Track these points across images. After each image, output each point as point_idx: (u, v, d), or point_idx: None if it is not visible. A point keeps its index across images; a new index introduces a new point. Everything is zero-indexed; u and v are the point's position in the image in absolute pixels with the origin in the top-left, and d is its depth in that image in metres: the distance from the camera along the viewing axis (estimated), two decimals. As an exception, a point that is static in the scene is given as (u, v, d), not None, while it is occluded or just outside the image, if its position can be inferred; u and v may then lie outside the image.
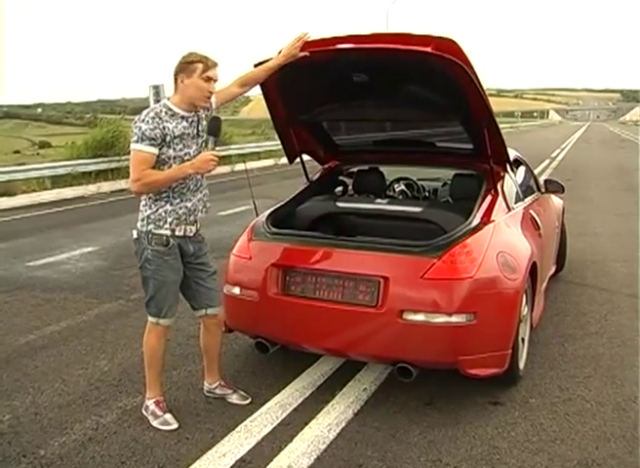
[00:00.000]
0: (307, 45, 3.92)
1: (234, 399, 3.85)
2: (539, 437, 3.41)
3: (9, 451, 3.31)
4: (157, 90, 21.79)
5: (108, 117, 23.78)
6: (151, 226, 3.47)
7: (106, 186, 15.38)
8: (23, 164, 17.52)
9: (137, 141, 3.32)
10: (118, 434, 3.47)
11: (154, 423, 3.56)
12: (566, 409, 3.71)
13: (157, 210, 3.46)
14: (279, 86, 4.18)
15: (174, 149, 3.38)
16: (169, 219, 3.45)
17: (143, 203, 3.53)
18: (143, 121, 3.32)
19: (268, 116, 4.56)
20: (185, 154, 3.42)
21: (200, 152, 3.47)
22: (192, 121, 3.46)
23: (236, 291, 3.99)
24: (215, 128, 3.47)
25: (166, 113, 3.38)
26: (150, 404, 3.64)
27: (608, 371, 4.22)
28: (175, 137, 3.37)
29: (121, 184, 15.69)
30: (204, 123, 3.51)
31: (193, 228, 3.57)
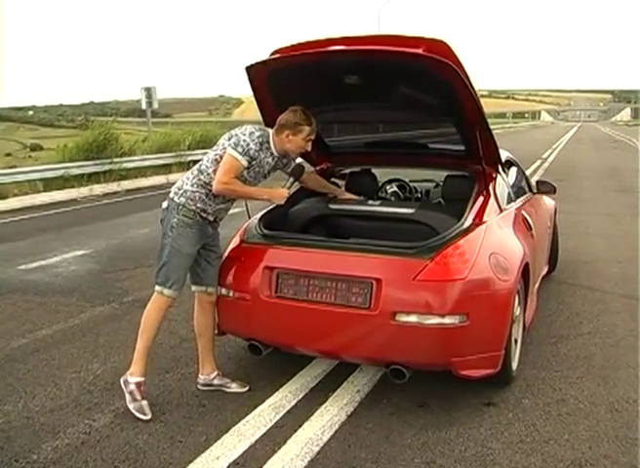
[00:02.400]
0: (300, 46, 3.93)
1: (234, 387, 3.99)
2: (532, 437, 3.42)
3: (1, 456, 3.29)
4: (149, 92, 21.80)
5: (100, 119, 23.72)
6: (183, 200, 3.78)
7: (98, 189, 15.30)
8: (15, 167, 17.44)
9: (240, 153, 3.70)
10: (111, 438, 3.46)
11: (130, 406, 3.68)
12: (559, 410, 3.72)
13: (195, 192, 3.79)
14: (270, 88, 4.18)
15: (248, 173, 3.80)
16: (198, 205, 3.79)
17: (191, 177, 3.84)
18: (253, 141, 3.73)
19: (260, 118, 4.55)
20: (248, 182, 3.83)
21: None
22: (276, 164, 3.93)
23: (229, 293, 3.98)
24: (297, 173, 4.04)
25: (265, 144, 3.81)
26: (132, 382, 3.74)
27: (601, 372, 4.23)
28: (257, 166, 3.81)
29: (113, 187, 15.65)
30: (276, 171, 4.00)
31: (212, 217, 3.89)
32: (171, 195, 3.84)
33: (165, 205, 3.86)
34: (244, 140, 3.71)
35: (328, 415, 3.67)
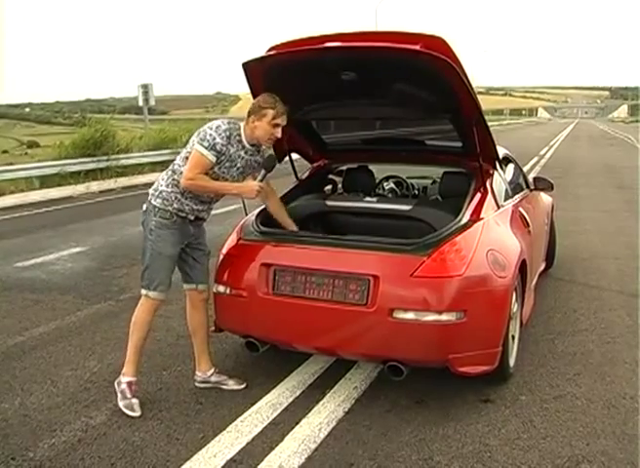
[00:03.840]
0: (296, 43, 3.92)
1: (231, 384, 3.99)
2: (529, 434, 3.42)
3: (-3, 454, 3.28)
4: (146, 89, 21.77)
5: (97, 116, 23.68)
6: (159, 201, 3.75)
7: (95, 186, 15.29)
8: (12, 164, 17.40)
9: (206, 148, 3.62)
10: (108, 435, 3.46)
11: (120, 403, 3.72)
12: (556, 406, 3.72)
13: (170, 193, 3.75)
14: (267, 85, 4.16)
15: (219, 168, 3.70)
16: (175, 205, 3.75)
17: (165, 178, 3.80)
18: (219, 135, 3.63)
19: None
20: (222, 178, 3.74)
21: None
22: (251, 156, 3.80)
23: (226, 290, 3.98)
24: (269, 164, 3.84)
25: (235, 137, 3.71)
26: (124, 382, 3.79)
27: (598, 368, 4.24)
28: (227, 160, 3.70)
29: (110, 184, 15.63)
30: (256, 166, 3.85)
31: (192, 217, 3.83)
32: (149, 197, 3.81)
33: (145, 207, 3.83)
34: (210, 134, 3.63)
35: (325, 412, 3.67)
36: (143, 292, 3.80)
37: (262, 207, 4.41)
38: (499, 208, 4.30)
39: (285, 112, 3.72)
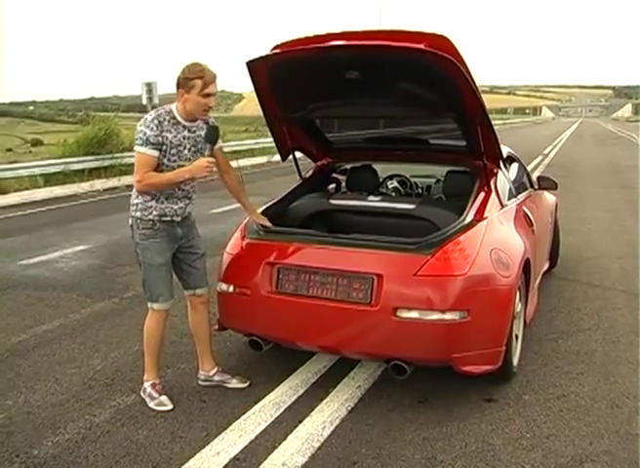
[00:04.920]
0: (300, 42, 3.92)
1: (234, 383, 4.00)
2: (533, 433, 3.41)
3: (1, 452, 3.29)
4: (150, 87, 21.75)
5: (101, 114, 23.70)
6: (139, 214, 3.69)
7: (99, 184, 15.31)
8: (16, 162, 17.42)
9: (141, 145, 3.51)
10: (111, 433, 3.46)
11: (151, 405, 3.73)
12: (560, 406, 3.71)
13: (146, 202, 3.67)
14: (271, 83, 4.17)
15: (168, 159, 3.58)
16: (155, 213, 3.67)
17: (134, 189, 3.70)
18: (148, 127, 3.50)
19: (261, 113, 4.55)
20: (178, 165, 3.61)
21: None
22: (195, 131, 3.66)
23: (229, 288, 3.98)
24: (212, 136, 3.63)
25: (169, 121, 3.56)
26: (147, 386, 3.82)
27: (601, 368, 4.23)
28: (171, 148, 3.57)
29: (114, 182, 15.65)
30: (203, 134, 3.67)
31: (179, 218, 3.75)
32: (131, 211, 3.75)
33: (130, 222, 3.78)
34: (140, 131, 3.51)
35: (328, 411, 3.67)
36: (149, 304, 3.81)
37: (266, 205, 4.42)
38: (502, 207, 4.29)
39: (215, 79, 3.52)
